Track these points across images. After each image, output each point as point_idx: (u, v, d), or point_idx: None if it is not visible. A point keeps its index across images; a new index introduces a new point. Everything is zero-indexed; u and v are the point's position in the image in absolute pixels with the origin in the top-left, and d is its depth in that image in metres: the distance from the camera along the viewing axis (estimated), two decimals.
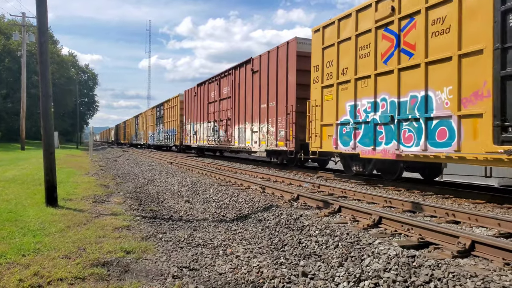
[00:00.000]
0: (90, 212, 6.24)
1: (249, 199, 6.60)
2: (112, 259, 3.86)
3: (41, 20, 6.70)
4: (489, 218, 4.76)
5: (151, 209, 6.73)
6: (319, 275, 3.49)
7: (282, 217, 5.24)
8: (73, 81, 54.45)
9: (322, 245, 4.13)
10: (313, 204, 6.24)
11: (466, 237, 3.75)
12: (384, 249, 3.60)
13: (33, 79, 37.63)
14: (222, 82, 17.78)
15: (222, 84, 17.69)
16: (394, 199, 6.23)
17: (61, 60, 53.61)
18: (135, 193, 8.72)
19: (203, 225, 5.52)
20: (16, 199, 6.94)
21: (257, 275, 3.52)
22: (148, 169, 13.51)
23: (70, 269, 3.49)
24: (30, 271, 3.38)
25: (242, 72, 15.50)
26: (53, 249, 4.08)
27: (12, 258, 3.73)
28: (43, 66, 6.67)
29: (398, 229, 4.52)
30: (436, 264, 3.16)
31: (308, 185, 8.53)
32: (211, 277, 3.52)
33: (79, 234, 4.75)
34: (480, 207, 6.12)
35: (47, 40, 6.83)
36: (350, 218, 5.24)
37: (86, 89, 68.43)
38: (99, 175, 12.97)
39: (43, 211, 5.95)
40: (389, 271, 3.18)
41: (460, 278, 2.91)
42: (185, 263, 3.84)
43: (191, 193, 8.19)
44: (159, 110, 31.73)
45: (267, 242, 4.58)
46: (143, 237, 4.79)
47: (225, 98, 17.11)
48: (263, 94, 13.68)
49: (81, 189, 8.91)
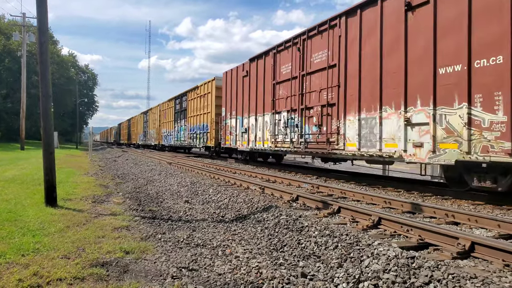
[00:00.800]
0: (90, 212, 6.23)
1: (248, 200, 6.60)
2: (111, 259, 3.85)
3: (41, 20, 6.71)
4: (489, 219, 4.76)
5: (150, 209, 6.73)
6: (318, 276, 3.48)
7: (281, 218, 5.24)
8: (72, 81, 54.43)
9: (321, 246, 4.13)
10: (313, 204, 6.24)
11: (465, 238, 3.75)
12: (383, 250, 3.59)
13: (33, 79, 37.62)
14: (310, 45, 10.70)
15: (312, 46, 10.63)
16: (394, 200, 6.23)
17: (61, 60, 53.61)
18: (134, 193, 8.72)
19: (203, 226, 5.51)
20: (16, 199, 6.93)
21: (256, 275, 3.52)
22: (147, 170, 13.50)
23: (69, 269, 3.49)
24: (29, 271, 3.38)
25: (373, 14, 8.25)
26: (53, 249, 4.07)
27: (12, 258, 3.72)
28: (43, 66, 6.68)
29: (397, 230, 4.52)
30: (436, 265, 3.16)
31: (308, 185, 8.53)
32: (210, 277, 3.52)
33: (79, 234, 4.74)
34: (480, 208, 6.12)
35: (47, 40, 6.83)
36: (350, 219, 5.24)
37: (85, 89, 68.42)
38: (98, 175, 12.96)
39: (42, 211, 5.95)
40: (389, 272, 3.18)
41: (459, 280, 2.91)
42: (184, 264, 3.84)
43: (190, 194, 8.19)
44: (180, 102, 24.94)
45: (267, 243, 4.58)
46: (142, 238, 4.79)
47: (321, 70, 10.17)
48: (428, 51, 6.86)
49: (80, 189, 8.90)
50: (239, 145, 15.37)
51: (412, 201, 6.15)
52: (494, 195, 6.58)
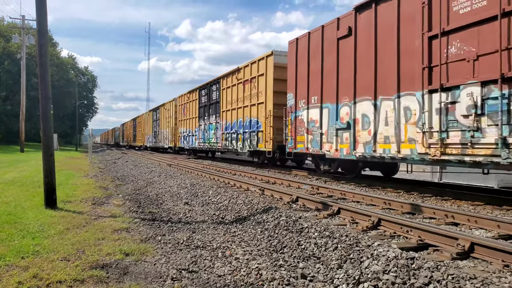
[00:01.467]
0: (89, 214, 6.23)
1: (248, 201, 6.60)
2: (111, 261, 3.85)
3: (40, 23, 6.72)
4: (489, 220, 4.77)
5: (150, 211, 6.73)
6: (318, 277, 3.48)
7: (281, 219, 5.24)
8: (72, 83, 54.43)
9: (321, 247, 4.13)
10: (312, 206, 6.24)
11: (465, 239, 3.76)
12: (383, 251, 3.60)
13: (33, 81, 37.64)
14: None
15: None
16: (393, 201, 6.24)
17: (60, 63, 53.64)
18: (134, 195, 8.71)
19: (202, 227, 5.51)
20: (16, 201, 6.93)
21: (256, 277, 3.52)
22: (147, 171, 13.50)
23: (69, 271, 3.49)
24: (29, 274, 3.38)
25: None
26: (52, 251, 4.07)
27: (11, 260, 3.73)
28: (43, 69, 6.68)
29: (397, 231, 4.52)
30: (435, 266, 3.16)
31: (307, 187, 8.53)
32: (210, 279, 3.52)
33: (78, 236, 4.74)
34: (480, 209, 6.12)
35: (47, 43, 6.84)
36: (349, 220, 5.24)
37: (85, 91, 68.43)
38: (98, 177, 12.96)
39: (42, 213, 5.94)
40: (388, 273, 3.18)
41: (459, 280, 2.91)
42: (184, 265, 3.84)
43: (190, 195, 8.19)
44: (209, 92, 19.22)
45: (266, 244, 4.58)
46: (142, 239, 4.79)
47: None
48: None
49: (80, 191, 8.90)
50: (329, 149, 9.78)
51: (412, 202, 6.16)
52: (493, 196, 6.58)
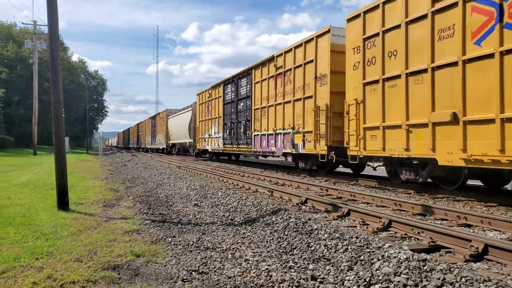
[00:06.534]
0: (101, 216, 6.31)
1: (257, 203, 6.61)
2: (122, 262, 3.89)
3: (52, 28, 6.84)
4: (503, 221, 4.69)
5: (160, 213, 6.78)
6: (328, 279, 3.47)
7: (290, 221, 5.23)
8: (82, 87, 55.19)
9: (331, 249, 4.11)
10: (322, 207, 6.21)
11: (479, 241, 3.70)
12: (394, 252, 3.56)
13: (45, 86, 38.25)
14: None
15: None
16: (404, 202, 6.17)
17: (71, 67, 54.48)
18: (144, 197, 8.79)
19: (212, 229, 5.53)
20: (29, 204, 7.05)
21: (266, 278, 3.52)
22: (157, 173, 13.61)
23: (82, 272, 3.54)
24: (43, 274, 3.44)
25: None
26: (65, 252, 4.13)
27: (26, 261, 3.79)
28: (55, 73, 6.80)
29: (408, 233, 4.48)
30: (448, 268, 3.12)
31: (317, 188, 8.50)
32: (220, 280, 3.53)
33: (90, 237, 4.81)
34: (493, 210, 6.02)
35: (58, 47, 6.96)
36: (360, 221, 5.20)
37: (95, 95, 69.33)
38: (108, 179, 13.11)
39: (55, 215, 6.04)
40: (400, 275, 3.15)
41: (473, 283, 2.87)
42: (194, 267, 3.86)
43: (199, 197, 8.22)
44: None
45: (276, 246, 4.58)
46: (153, 241, 4.83)
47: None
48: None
49: (91, 193, 9.01)
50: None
51: (423, 203, 6.08)
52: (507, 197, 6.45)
